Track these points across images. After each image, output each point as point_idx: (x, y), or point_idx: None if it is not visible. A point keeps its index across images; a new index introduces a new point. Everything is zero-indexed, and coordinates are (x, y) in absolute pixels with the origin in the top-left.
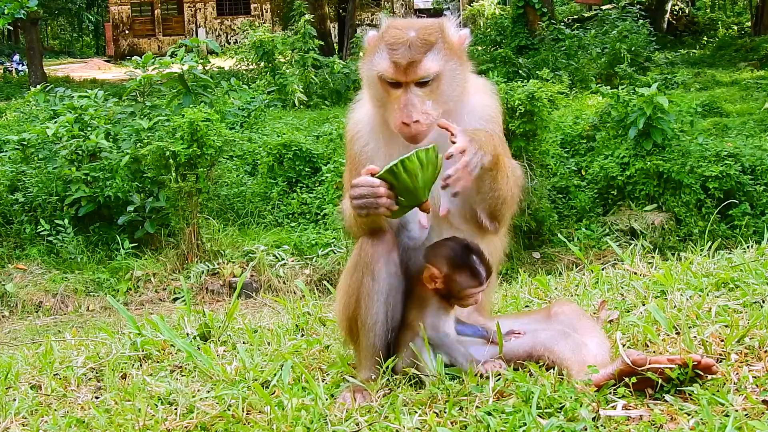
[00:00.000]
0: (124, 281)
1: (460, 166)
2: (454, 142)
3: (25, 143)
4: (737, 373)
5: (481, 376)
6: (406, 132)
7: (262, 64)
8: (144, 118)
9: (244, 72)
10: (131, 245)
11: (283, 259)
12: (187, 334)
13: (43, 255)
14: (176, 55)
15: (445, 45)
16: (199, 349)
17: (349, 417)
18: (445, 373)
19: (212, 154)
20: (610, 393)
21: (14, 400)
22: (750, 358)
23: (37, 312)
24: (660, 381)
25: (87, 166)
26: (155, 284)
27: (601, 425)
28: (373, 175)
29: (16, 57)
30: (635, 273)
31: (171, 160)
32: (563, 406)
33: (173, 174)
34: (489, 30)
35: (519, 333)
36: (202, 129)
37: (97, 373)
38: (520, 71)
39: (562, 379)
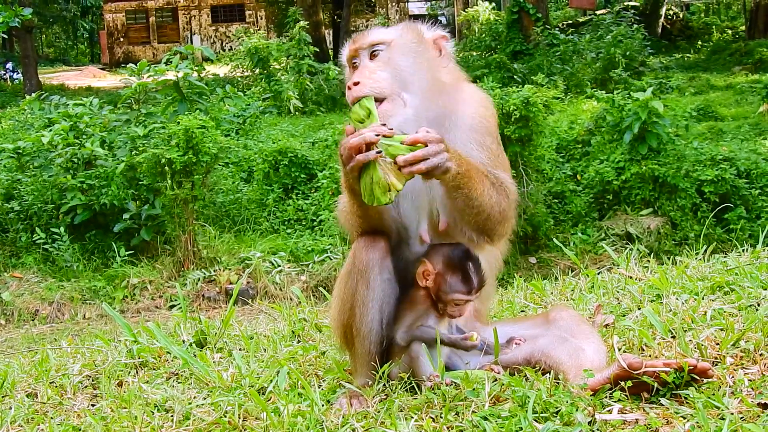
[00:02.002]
0: (120, 289)
1: (418, 153)
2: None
3: (21, 151)
4: (733, 377)
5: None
6: (348, 96)
7: (258, 70)
8: (139, 126)
9: (239, 79)
10: (127, 253)
11: (279, 266)
12: (183, 341)
13: (39, 263)
14: (171, 62)
15: (409, 31)
16: (195, 356)
17: (345, 423)
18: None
19: (208, 161)
20: (606, 397)
21: (10, 408)
22: (745, 361)
23: (33, 320)
24: (656, 385)
25: (82, 173)
26: (151, 292)
27: (597, 429)
28: None
29: (11, 65)
30: (631, 277)
31: (166, 168)
32: (559, 410)
33: (169, 181)
34: (484, 35)
35: (520, 340)
36: (198, 136)
37: (93, 380)
38: (515, 76)
39: (558, 383)
